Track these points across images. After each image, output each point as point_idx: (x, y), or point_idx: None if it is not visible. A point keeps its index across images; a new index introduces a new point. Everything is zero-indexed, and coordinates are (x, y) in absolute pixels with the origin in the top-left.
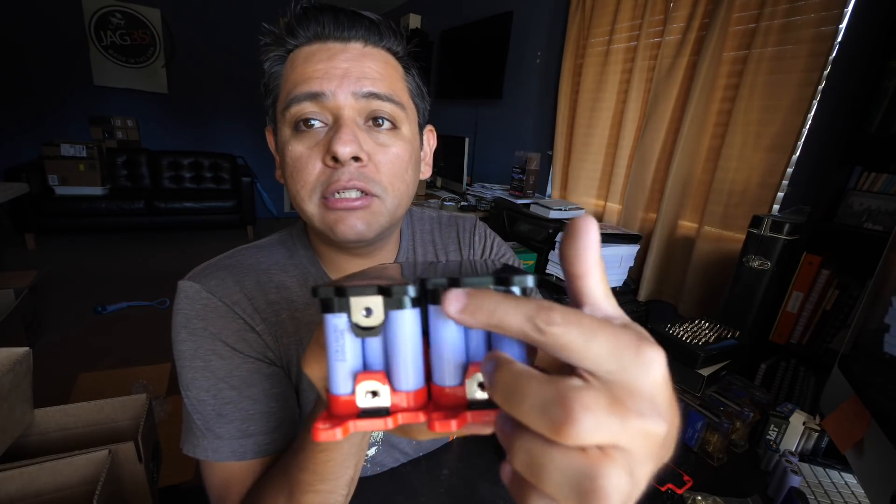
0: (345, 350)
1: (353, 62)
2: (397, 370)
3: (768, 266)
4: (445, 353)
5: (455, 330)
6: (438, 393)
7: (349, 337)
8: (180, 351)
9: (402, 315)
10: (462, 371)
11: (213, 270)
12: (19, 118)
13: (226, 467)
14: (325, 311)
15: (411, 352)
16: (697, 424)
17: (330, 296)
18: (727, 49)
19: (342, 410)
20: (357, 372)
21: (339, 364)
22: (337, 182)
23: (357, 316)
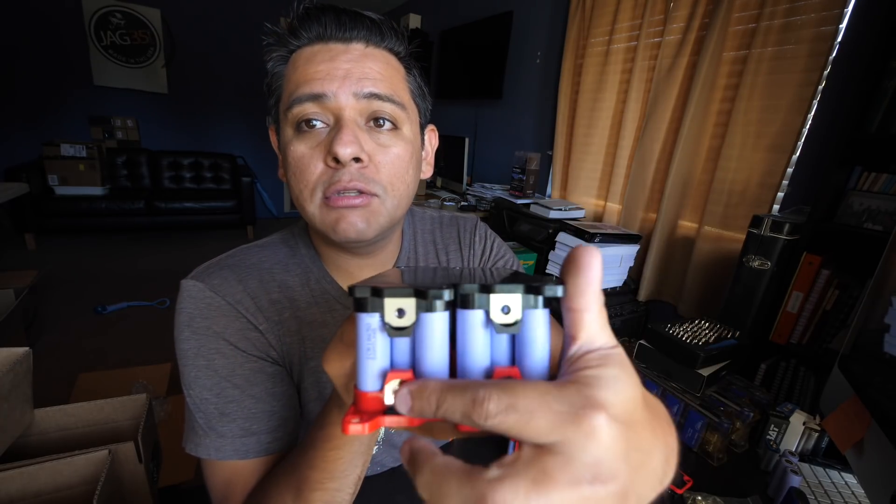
0: (376, 349)
1: (355, 63)
2: (425, 370)
3: (768, 266)
4: (470, 357)
5: (482, 335)
6: None
7: (381, 336)
8: (183, 350)
9: (433, 317)
10: (487, 376)
11: (216, 270)
12: (19, 118)
13: (228, 466)
14: (358, 310)
15: (439, 353)
16: (697, 424)
17: (366, 295)
18: (727, 49)
19: (370, 406)
20: (386, 370)
21: (369, 362)
22: (338, 182)
23: (390, 316)
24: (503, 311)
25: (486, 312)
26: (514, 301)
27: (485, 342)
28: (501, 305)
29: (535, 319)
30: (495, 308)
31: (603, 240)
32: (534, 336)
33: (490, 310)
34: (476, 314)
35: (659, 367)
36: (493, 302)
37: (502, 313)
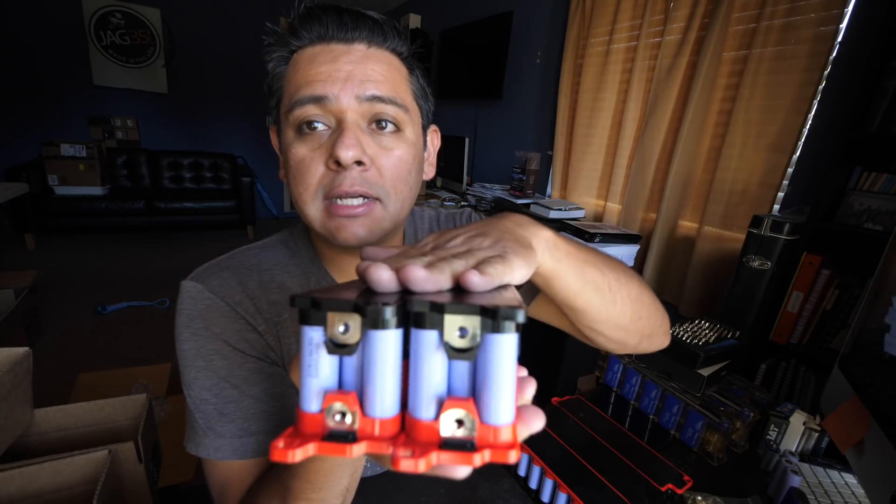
0: (318, 365)
1: (357, 64)
2: (370, 394)
3: (768, 266)
4: (423, 382)
5: (438, 358)
6: (411, 424)
7: (324, 352)
8: (183, 350)
9: (380, 335)
10: (438, 404)
11: (216, 271)
12: (19, 118)
13: (227, 466)
14: (301, 322)
15: (387, 375)
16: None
17: (306, 307)
18: (727, 49)
19: (309, 429)
20: (329, 390)
21: (310, 379)
22: (339, 187)
23: (333, 331)
24: (459, 334)
25: (439, 334)
26: (472, 323)
27: (441, 367)
28: (457, 327)
29: (496, 346)
30: (450, 329)
31: (603, 240)
32: (493, 365)
33: (444, 331)
34: (429, 335)
35: (659, 367)
36: (447, 322)
37: (458, 336)
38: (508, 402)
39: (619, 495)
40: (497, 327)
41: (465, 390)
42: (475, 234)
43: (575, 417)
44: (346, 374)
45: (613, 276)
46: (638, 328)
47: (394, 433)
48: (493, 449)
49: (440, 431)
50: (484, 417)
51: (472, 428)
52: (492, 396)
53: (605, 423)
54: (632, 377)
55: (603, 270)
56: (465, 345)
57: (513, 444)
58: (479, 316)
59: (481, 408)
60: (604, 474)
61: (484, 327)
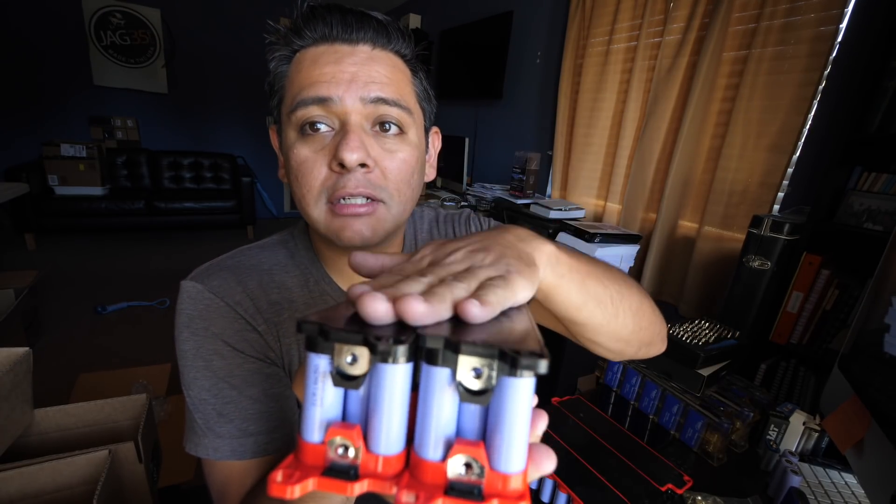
0: (323, 395)
1: (361, 66)
2: (375, 429)
3: (768, 266)
4: (431, 422)
5: (448, 397)
6: (416, 463)
7: (329, 382)
8: (182, 350)
9: (389, 370)
10: (447, 446)
11: (216, 271)
12: (19, 118)
13: (226, 466)
14: (308, 349)
15: (394, 411)
16: (697, 424)
17: (314, 334)
18: (727, 49)
19: (310, 460)
20: (332, 421)
21: (313, 409)
22: (343, 188)
23: (340, 361)
24: (474, 374)
25: (452, 372)
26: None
27: (451, 406)
28: (472, 367)
29: (512, 391)
30: (464, 369)
31: (603, 240)
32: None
33: (457, 370)
34: (441, 372)
35: (659, 367)
36: (461, 362)
37: (472, 376)
38: (521, 449)
39: (619, 495)
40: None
41: (475, 432)
42: (476, 249)
43: (575, 417)
44: (350, 405)
45: (615, 289)
46: (638, 338)
47: (398, 471)
48: (502, 498)
49: (447, 474)
50: (494, 464)
51: (481, 474)
52: (504, 443)
53: (605, 423)
54: (632, 377)
55: (605, 283)
56: (480, 386)
57: (523, 493)
58: (497, 360)
59: (492, 453)
60: (604, 474)
61: (501, 370)
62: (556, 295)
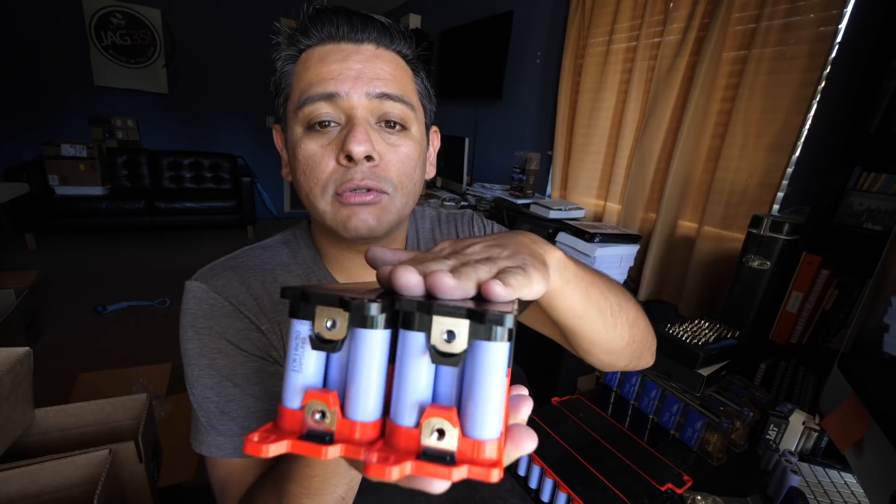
0: (303, 360)
1: (366, 63)
2: (352, 395)
3: (768, 266)
4: (406, 386)
5: (424, 363)
6: (391, 430)
7: (310, 347)
8: (187, 349)
9: (366, 334)
10: (421, 411)
11: (220, 271)
12: (20, 118)
13: (228, 463)
14: (290, 315)
15: (371, 377)
16: (697, 424)
17: (295, 299)
18: (727, 49)
19: (288, 425)
20: (312, 387)
21: (294, 374)
22: (350, 181)
23: (320, 326)
24: (446, 338)
25: (427, 336)
26: (460, 327)
27: (427, 372)
28: (445, 329)
29: (485, 354)
30: (437, 332)
31: (603, 240)
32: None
33: (431, 333)
34: (416, 337)
35: (659, 367)
36: (434, 324)
37: (444, 340)
38: (495, 416)
39: (618, 495)
40: (487, 334)
41: (450, 399)
42: (493, 244)
43: (575, 417)
44: (331, 373)
45: (615, 300)
46: (630, 351)
47: (373, 438)
48: (474, 465)
49: (420, 440)
50: (467, 430)
51: (454, 440)
52: (477, 408)
53: (604, 423)
54: (632, 377)
55: (606, 294)
56: (452, 349)
57: (496, 461)
58: (468, 319)
59: (465, 419)
60: (604, 474)
61: (474, 333)
62: (561, 300)
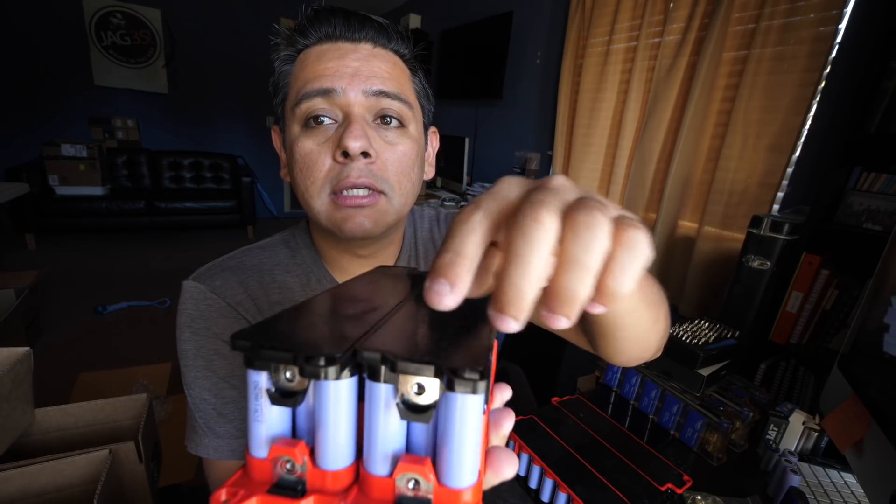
0: (264, 411)
1: (363, 61)
2: (321, 444)
3: (768, 266)
4: (376, 438)
5: (392, 413)
6: (365, 478)
7: (268, 399)
8: (184, 350)
9: (330, 386)
10: (394, 462)
11: (218, 271)
12: (20, 118)
13: (225, 465)
14: (246, 366)
15: (339, 427)
16: (697, 424)
17: (247, 350)
18: (727, 49)
19: (257, 475)
20: (277, 436)
21: (257, 425)
22: (347, 178)
23: (279, 377)
24: (416, 390)
25: (395, 387)
26: (429, 382)
27: (396, 422)
28: (413, 383)
29: (457, 406)
30: (405, 385)
31: None
32: (455, 427)
33: (399, 385)
34: (383, 388)
35: (659, 367)
36: (401, 380)
37: (414, 393)
38: (471, 464)
39: (618, 495)
40: (461, 388)
41: (423, 447)
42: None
43: (575, 417)
44: (299, 417)
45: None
46: (661, 346)
47: (346, 485)
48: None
49: (394, 489)
50: (442, 479)
51: (429, 490)
52: (451, 459)
53: (605, 423)
54: (632, 377)
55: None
56: (423, 402)
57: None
58: (437, 378)
59: (440, 468)
60: (604, 474)
61: (443, 386)
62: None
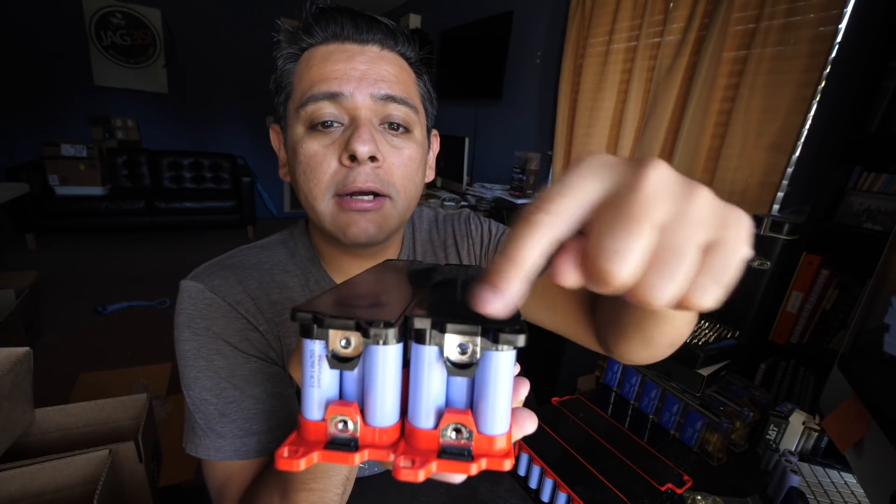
0: (320, 377)
1: (371, 64)
2: (371, 405)
3: (768, 266)
4: (422, 394)
5: (437, 372)
6: (411, 431)
7: (325, 365)
8: (183, 350)
9: (381, 350)
10: (438, 415)
11: (216, 270)
12: (20, 118)
13: (227, 466)
14: (303, 336)
15: (387, 388)
16: (697, 424)
17: (308, 322)
18: (727, 49)
19: (312, 436)
20: (331, 400)
21: (312, 390)
22: (353, 183)
23: (335, 344)
24: (460, 350)
25: (440, 349)
26: (471, 341)
27: (440, 380)
28: (457, 343)
29: (495, 362)
30: (450, 345)
31: None
32: (492, 380)
33: (444, 347)
34: (429, 350)
35: (659, 367)
36: (447, 340)
37: (458, 352)
38: (504, 414)
39: (618, 495)
40: (497, 347)
41: (462, 401)
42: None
43: (575, 417)
44: (347, 383)
45: None
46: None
47: (394, 440)
48: (489, 457)
49: (439, 440)
50: (481, 428)
51: (470, 437)
52: (489, 409)
53: (605, 423)
54: (631, 377)
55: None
56: (465, 360)
57: (508, 452)
58: (480, 336)
59: (478, 419)
60: (604, 474)
61: (484, 345)
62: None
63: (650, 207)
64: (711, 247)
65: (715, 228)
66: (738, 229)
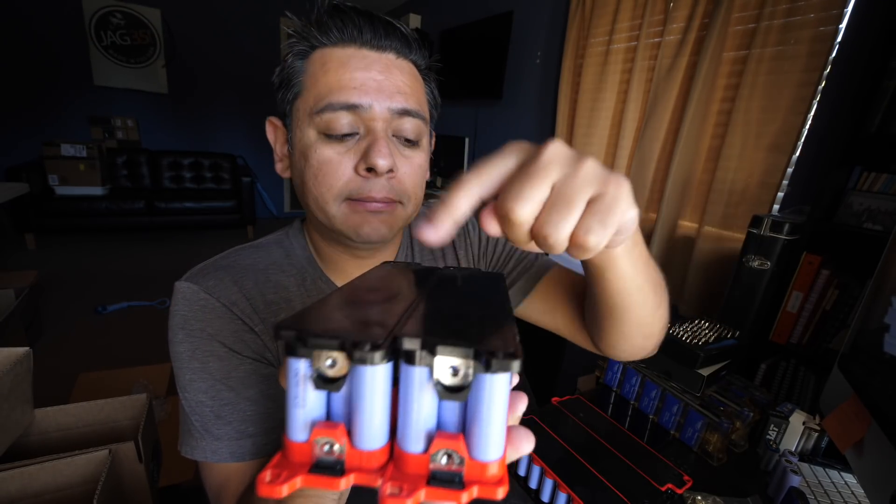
0: (305, 397)
1: (387, 74)
2: (358, 427)
3: (768, 266)
4: (412, 418)
5: (427, 394)
6: (399, 455)
7: (310, 385)
8: (177, 352)
9: (367, 371)
10: (428, 439)
11: (211, 271)
12: (20, 118)
13: (224, 468)
14: (287, 354)
15: (375, 409)
16: (697, 424)
17: (291, 340)
18: (727, 49)
19: (297, 457)
20: (317, 420)
21: (297, 410)
22: (368, 193)
23: (320, 364)
24: (451, 372)
25: (429, 371)
26: (464, 364)
27: (430, 402)
28: (449, 366)
29: (488, 386)
30: (441, 367)
31: None
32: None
33: (434, 369)
34: (419, 372)
35: (659, 367)
36: (437, 362)
37: (450, 374)
38: (498, 439)
39: (618, 495)
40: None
41: (455, 423)
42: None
43: (575, 417)
44: (334, 403)
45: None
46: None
47: (382, 463)
48: (482, 485)
49: (428, 464)
50: (473, 453)
51: (461, 463)
52: (482, 434)
53: (605, 423)
54: (632, 377)
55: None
56: (457, 383)
57: (501, 479)
58: (473, 360)
59: (471, 443)
60: (604, 474)
61: (476, 368)
62: (624, 265)
63: (546, 168)
64: (594, 199)
65: (598, 185)
66: (616, 187)
